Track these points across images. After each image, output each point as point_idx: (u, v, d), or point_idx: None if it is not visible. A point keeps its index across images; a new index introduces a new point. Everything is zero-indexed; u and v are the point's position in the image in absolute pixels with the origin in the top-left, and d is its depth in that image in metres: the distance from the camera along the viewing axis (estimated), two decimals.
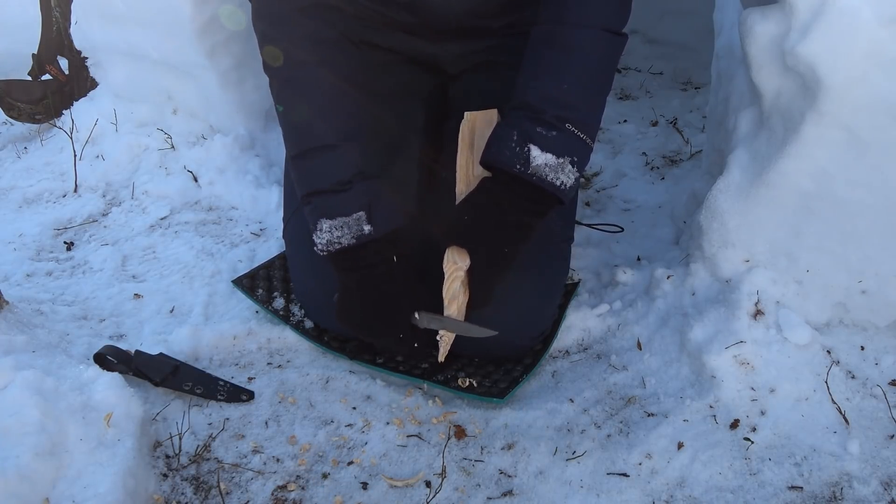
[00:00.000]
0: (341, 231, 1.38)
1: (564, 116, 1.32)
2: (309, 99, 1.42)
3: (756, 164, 1.44)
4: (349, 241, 1.38)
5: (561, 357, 1.61)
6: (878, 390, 1.40)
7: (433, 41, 1.60)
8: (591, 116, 1.37)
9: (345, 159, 1.40)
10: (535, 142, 1.31)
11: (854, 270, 1.42)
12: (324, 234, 1.38)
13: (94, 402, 1.32)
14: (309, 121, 1.42)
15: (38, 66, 2.70)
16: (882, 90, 1.25)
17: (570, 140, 1.33)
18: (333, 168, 1.40)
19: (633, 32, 3.08)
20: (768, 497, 1.25)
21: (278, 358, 1.61)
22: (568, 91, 1.33)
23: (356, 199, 1.38)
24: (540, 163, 1.31)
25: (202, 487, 1.31)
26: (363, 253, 1.40)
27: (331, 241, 1.38)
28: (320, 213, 1.39)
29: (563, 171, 1.32)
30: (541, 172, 1.31)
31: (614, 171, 2.30)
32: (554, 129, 1.32)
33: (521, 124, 1.33)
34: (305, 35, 1.42)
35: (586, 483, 1.30)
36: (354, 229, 1.37)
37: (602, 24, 1.35)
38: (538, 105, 1.33)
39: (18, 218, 2.23)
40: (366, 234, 1.38)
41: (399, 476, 1.34)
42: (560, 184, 1.32)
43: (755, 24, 1.37)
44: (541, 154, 1.31)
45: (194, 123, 2.42)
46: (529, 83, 1.36)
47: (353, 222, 1.37)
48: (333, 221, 1.38)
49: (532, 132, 1.32)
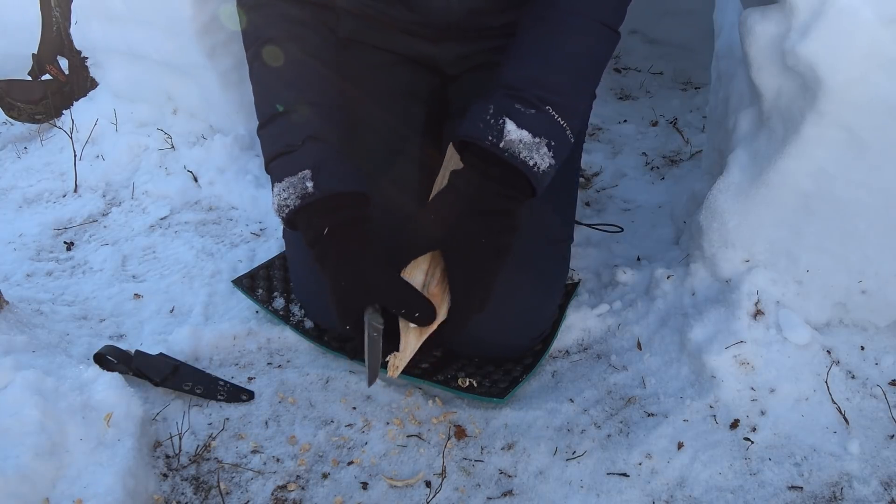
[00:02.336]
0: (287, 192, 1.30)
1: (546, 98, 1.25)
2: (273, 71, 1.39)
3: (756, 164, 1.44)
4: (294, 203, 1.30)
5: (561, 357, 1.61)
6: (878, 390, 1.40)
7: (433, 42, 1.61)
8: (574, 103, 1.30)
9: (301, 122, 1.35)
10: (511, 116, 1.23)
11: (854, 270, 1.42)
12: (275, 197, 1.33)
13: (94, 402, 1.32)
14: (272, 89, 1.39)
15: (38, 66, 2.71)
16: (882, 90, 1.25)
17: (549, 122, 1.25)
18: (286, 132, 1.35)
19: (633, 32, 3.08)
20: (768, 497, 1.25)
21: (278, 358, 1.61)
22: (553, 74, 1.27)
23: (303, 159, 1.31)
24: (514, 138, 1.22)
25: (202, 487, 1.31)
26: (314, 218, 1.30)
27: (280, 204, 1.32)
28: (274, 177, 1.34)
29: (538, 152, 1.23)
30: (514, 148, 1.22)
31: (614, 171, 2.30)
32: (533, 107, 1.24)
33: (499, 100, 1.26)
34: (278, 14, 1.40)
35: (586, 483, 1.30)
36: (299, 188, 1.29)
37: (596, 15, 1.31)
38: (519, 84, 1.27)
39: (18, 218, 2.23)
40: (309, 193, 1.28)
41: (399, 476, 1.34)
42: (533, 164, 1.23)
43: (755, 24, 1.37)
44: (516, 129, 1.22)
45: (194, 123, 2.42)
46: (513, 63, 1.30)
47: (298, 181, 1.30)
48: (282, 183, 1.32)
49: (510, 107, 1.24)
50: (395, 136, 1.60)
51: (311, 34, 1.43)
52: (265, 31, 1.41)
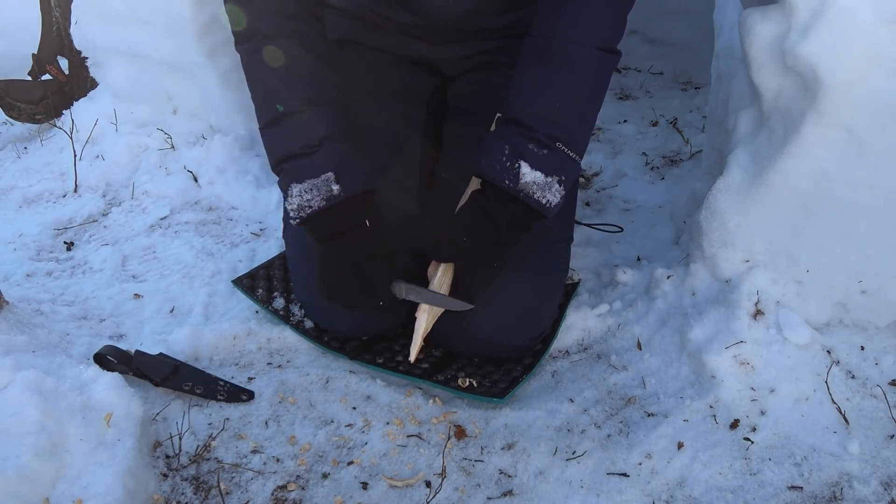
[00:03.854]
0: (311, 194, 1.36)
1: (556, 136, 1.33)
2: (275, 69, 1.41)
3: (756, 164, 1.44)
4: (319, 204, 1.36)
5: (561, 357, 1.61)
6: (878, 390, 1.40)
7: (433, 43, 1.61)
8: (581, 135, 1.39)
9: (312, 123, 1.39)
10: (525, 158, 1.32)
11: (854, 270, 1.42)
12: (294, 199, 1.37)
13: (94, 402, 1.32)
14: (275, 89, 1.41)
15: (38, 66, 2.70)
16: (882, 90, 1.25)
17: (560, 159, 1.34)
18: (301, 132, 1.38)
19: (633, 32, 3.08)
20: (768, 497, 1.25)
21: (278, 358, 1.61)
22: (561, 110, 1.34)
23: (324, 161, 1.37)
24: (528, 180, 1.33)
25: (202, 487, 1.31)
26: (335, 217, 1.38)
27: (301, 205, 1.37)
28: (290, 178, 1.38)
29: (550, 190, 1.34)
30: (528, 190, 1.33)
31: (614, 171, 2.30)
32: (545, 147, 1.33)
33: (513, 139, 1.34)
34: (271, 8, 1.41)
35: (586, 483, 1.30)
36: (323, 191, 1.36)
37: (597, 42, 1.35)
38: (531, 122, 1.34)
39: (18, 218, 2.23)
40: (335, 195, 1.36)
41: (399, 476, 1.34)
42: (546, 202, 1.34)
43: (755, 24, 1.37)
44: (530, 171, 1.32)
45: (194, 123, 2.42)
46: (522, 98, 1.36)
47: (322, 183, 1.36)
48: (303, 185, 1.36)
49: (524, 149, 1.33)
50: (395, 135, 1.60)
51: (306, 29, 1.44)
52: (260, 26, 1.41)
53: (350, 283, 1.41)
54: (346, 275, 1.40)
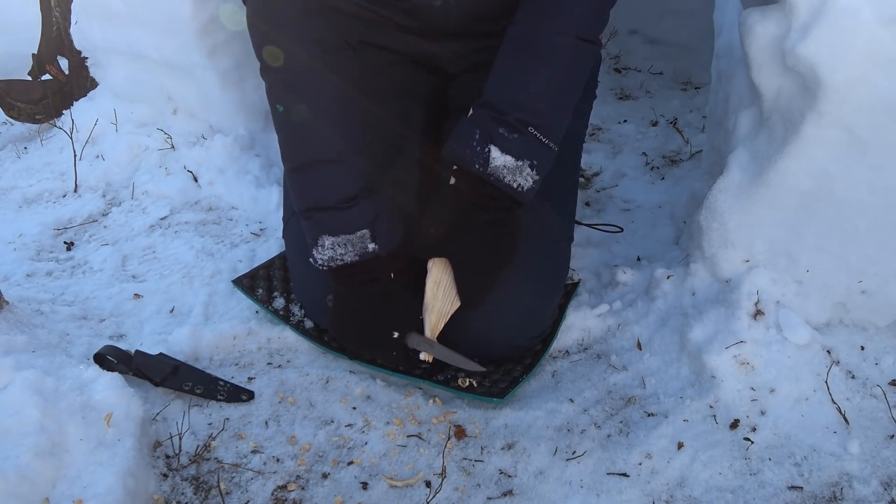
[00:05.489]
0: (344, 248, 1.37)
1: (528, 120, 1.33)
2: (314, 105, 1.40)
3: (756, 164, 1.44)
4: (352, 259, 1.38)
5: (561, 357, 1.61)
6: (878, 390, 1.40)
7: (433, 40, 1.60)
8: (556, 121, 1.38)
9: (349, 174, 1.39)
10: (496, 143, 1.32)
11: (854, 270, 1.42)
12: (326, 250, 1.38)
13: (94, 402, 1.32)
14: (312, 129, 1.40)
15: (38, 66, 2.70)
16: (882, 90, 1.25)
17: (531, 144, 1.33)
18: (337, 184, 1.38)
19: (633, 32, 3.08)
20: (768, 497, 1.25)
21: (278, 358, 1.61)
22: (534, 95, 1.34)
23: (360, 217, 1.37)
24: (499, 164, 1.32)
25: (202, 487, 1.31)
26: (364, 269, 1.40)
27: (333, 257, 1.38)
28: (322, 229, 1.38)
29: (521, 174, 1.33)
30: (498, 173, 1.33)
31: (614, 171, 2.30)
32: (516, 131, 1.33)
33: (484, 123, 1.34)
34: (312, 39, 1.40)
35: (586, 483, 1.30)
36: (358, 247, 1.37)
37: (576, 32, 1.35)
38: (502, 107, 1.34)
39: (18, 218, 2.23)
40: (370, 253, 1.38)
41: (399, 476, 1.34)
42: (517, 186, 1.34)
43: (755, 24, 1.37)
44: (500, 155, 1.32)
45: (194, 123, 2.42)
46: (497, 84, 1.37)
47: (357, 240, 1.37)
48: (336, 238, 1.37)
49: (494, 133, 1.33)
50: (394, 134, 1.60)
51: (344, 60, 1.44)
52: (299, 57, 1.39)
53: (365, 331, 1.43)
54: (364, 322, 1.42)
